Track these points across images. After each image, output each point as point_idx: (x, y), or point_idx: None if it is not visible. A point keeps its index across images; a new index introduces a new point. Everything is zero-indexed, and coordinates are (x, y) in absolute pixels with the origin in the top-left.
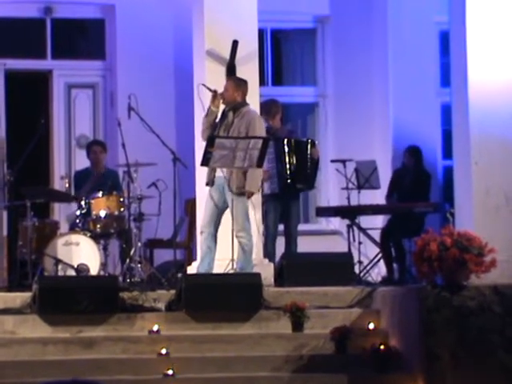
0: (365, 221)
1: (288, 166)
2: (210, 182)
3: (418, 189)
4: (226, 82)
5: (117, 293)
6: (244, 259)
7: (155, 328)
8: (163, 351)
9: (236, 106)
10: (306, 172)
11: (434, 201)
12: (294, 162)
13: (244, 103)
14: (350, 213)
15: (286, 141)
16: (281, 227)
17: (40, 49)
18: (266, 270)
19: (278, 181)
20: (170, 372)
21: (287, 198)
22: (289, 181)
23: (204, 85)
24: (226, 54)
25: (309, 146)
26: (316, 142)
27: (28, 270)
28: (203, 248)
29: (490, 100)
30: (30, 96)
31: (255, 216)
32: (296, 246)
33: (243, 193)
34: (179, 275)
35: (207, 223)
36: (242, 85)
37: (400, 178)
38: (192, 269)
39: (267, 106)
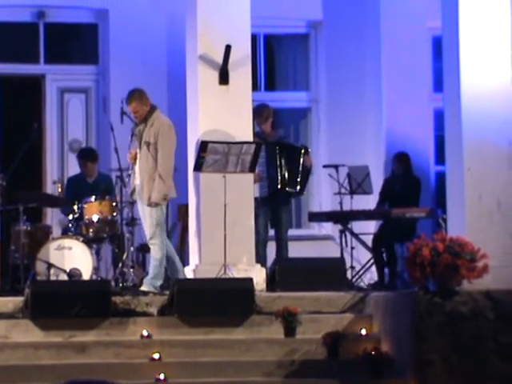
0: (357, 226)
1: (279, 171)
2: (132, 191)
3: (408, 195)
4: (131, 105)
5: (109, 297)
6: (152, 269)
7: (147, 333)
8: (155, 356)
9: (146, 116)
10: (297, 178)
11: (426, 206)
12: (286, 167)
13: (152, 109)
14: (342, 218)
15: (277, 146)
16: (271, 232)
17: (33, 53)
18: (258, 275)
19: (268, 185)
20: (162, 377)
21: (278, 203)
22: (279, 186)
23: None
24: (219, 59)
25: (302, 153)
26: (309, 150)
27: (20, 275)
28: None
29: (482, 105)
30: (23, 100)
31: (247, 222)
32: (287, 251)
33: (150, 204)
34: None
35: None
36: (142, 93)
37: (390, 185)
38: (184, 274)
39: (259, 111)
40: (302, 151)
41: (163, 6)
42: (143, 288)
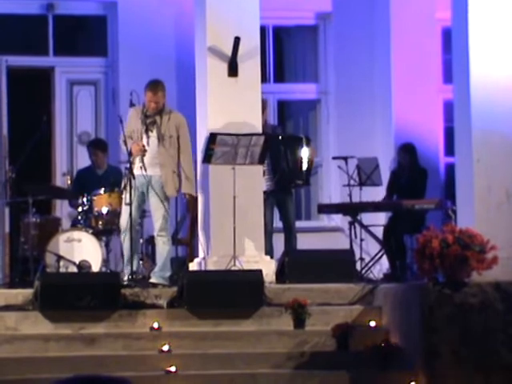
0: (366, 218)
1: (284, 163)
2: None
3: (414, 186)
4: (156, 95)
5: (118, 289)
6: (162, 260)
7: (157, 325)
8: (165, 348)
9: (161, 109)
10: (302, 168)
11: (435, 198)
12: (290, 158)
13: (165, 105)
14: (351, 210)
15: (279, 137)
16: (279, 224)
17: (42, 45)
18: (268, 267)
19: (273, 178)
20: (172, 369)
21: (282, 194)
22: (285, 178)
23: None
24: (228, 51)
25: (304, 143)
26: (310, 140)
27: (30, 267)
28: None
29: (492, 97)
30: (32, 93)
31: (256, 214)
32: (296, 241)
33: (182, 194)
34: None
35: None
36: (165, 87)
37: (397, 178)
38: (194, 265)
39: None
40: (304, 141)
41: None
42: (152, 281)
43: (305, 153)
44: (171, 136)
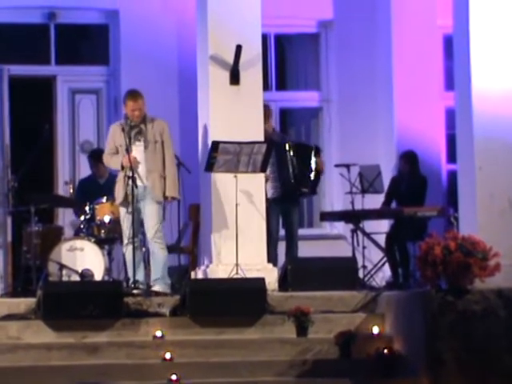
0: (369, 225)
1: (291, 171)
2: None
3: (414, 193)
4: (137, 102)
5: (121, 298)
6: (162, 266)
7: (159, 333)
8: (168, 356)
9: (144, 117)
10: (309, 177)
11: (438, 205)
12: (298, 166)
13: (146, 113)
14: (354, 217)
15: (287, 145)
16: (282, 232)
17: (44, 54)
18: (270, 275)
19: (279, 186)
20: (175, 377)
21: (288, 203)
22: (291, 186)
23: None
24: (230, 59)
25: (314, 152)
26: (321, 152)
27: (32, 276)
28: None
29: (494, 104)
30: (34, 101)
31: (258, 222)
32: (297, 250)
33: (166, 198)
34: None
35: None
36: (143, 95)
37: (397, 185)
38: (196, 274)
39: None
40: (314, 151)
41: (174, 7)
42: (156, 289)
43: (313, 163)
44: (156, 141)
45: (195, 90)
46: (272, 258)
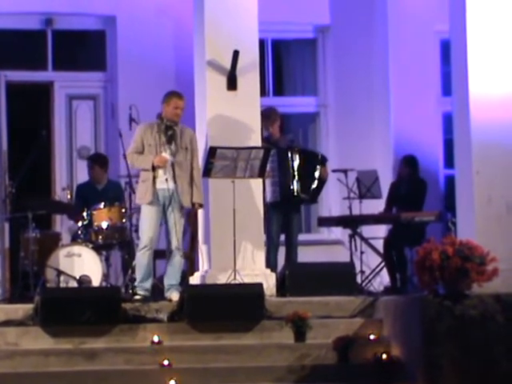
0: (366, 230)
1: (292, 177)
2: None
3: (413, 197)
4: (182, 100)
5: (119, 304)
6: (179, 274)
7: (157, 339)
8: (165, 362)
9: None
10: (312, 185)
11: (435, 210)
12: (301, 172)
13: None
14: (351, 222)
15: (291, 151)
16: (282, 237)
17: (41, 60)
18: (268, 280)
19: (279, 190)
20: (173, 383)
21: (289, 208)
22: (292, 191)
23: None
24: (227, 65)
25: (320, 161)
26: (327, 161)
27: (30, 282)
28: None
29: (491, 109)
30: (31, 107)
31: (256, 227)
32: (296, 255)
33: (194, 205)
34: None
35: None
36: None
37: (396, 189)
38: (194, 279)
39: (266, 114)
40: (320, 159)
41: (171, 12)
42: (174, 297)
43: (317, 171)
44: (186, 148)
45: (192, 95)
46: (272, 262)
